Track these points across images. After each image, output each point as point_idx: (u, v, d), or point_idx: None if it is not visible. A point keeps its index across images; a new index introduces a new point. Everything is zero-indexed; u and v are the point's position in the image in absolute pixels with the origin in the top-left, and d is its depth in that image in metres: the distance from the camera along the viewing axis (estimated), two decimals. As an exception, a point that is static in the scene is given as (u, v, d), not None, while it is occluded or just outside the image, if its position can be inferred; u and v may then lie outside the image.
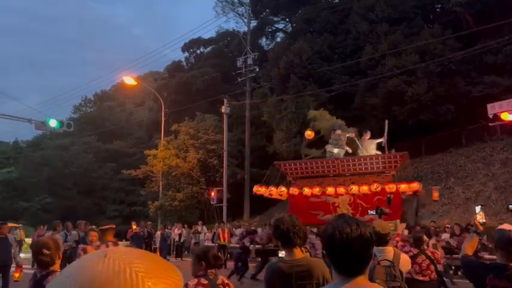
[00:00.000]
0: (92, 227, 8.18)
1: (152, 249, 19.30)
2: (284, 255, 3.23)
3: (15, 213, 38.49)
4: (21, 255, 12.67)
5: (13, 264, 8.80)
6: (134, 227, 18.36)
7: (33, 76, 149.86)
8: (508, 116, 15.29)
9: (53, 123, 15.43)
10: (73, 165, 41.36)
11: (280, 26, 39.63)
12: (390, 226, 11.12)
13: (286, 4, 34.09)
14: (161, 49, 70.49)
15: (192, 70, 38.53)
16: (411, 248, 6.39)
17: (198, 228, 21.68)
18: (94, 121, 48.98)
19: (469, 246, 3.52)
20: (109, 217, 36.41)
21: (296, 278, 2.92)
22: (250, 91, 30.81)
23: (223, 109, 27.11)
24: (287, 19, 37.77)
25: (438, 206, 19.61)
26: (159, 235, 21.17)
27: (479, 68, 23.10)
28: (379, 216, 9.34)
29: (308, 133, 17.57)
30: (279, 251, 9.51)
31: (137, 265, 0.68)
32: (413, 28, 24.96)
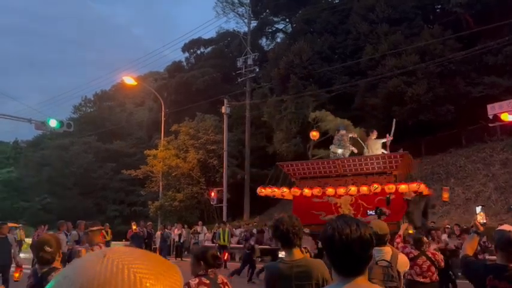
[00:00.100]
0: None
1: (152, 249, 19.27)
2: (284, 255, 3.23)
3: (15, 213, 38.55)
4: (21, 255, 12.67)
5: (13, 264, 8.80)
6: (134, 227, 18.38)
7: (33, 76, 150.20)
8: (508, 117, 15.29)
9: (53, 123, 15.43)
10: (73, 165, 41.35)
11: (280, 27, 39.66)
12: (396, 226, 11.12)
13: (286, 4, 34.10)
14: (161, 49, 70.75)
15: (192, 70, 38.55)
16: (412, 250, 6.38)
17: (198, 228, 21.68)
18: (94, 121, 48.97)
19: (470, 246, 3.51)
20: (109, 217, 36.40)
21: (295, 279, 2.92)
22: (250, 91, 30.81)
23: (223, 109, 27.11)
24: (287, 19, 37.78)
25: (438, 207, 19.57)
26: (159, 235, 21.20)
27: (479, 69, 23.10)
28: (378, 216, 9.34)
29: (313, 134, 17.55)
30: (279, 252, 9.51)
31: (137, 265, 0.67)
32: (413, 28, 24.97)
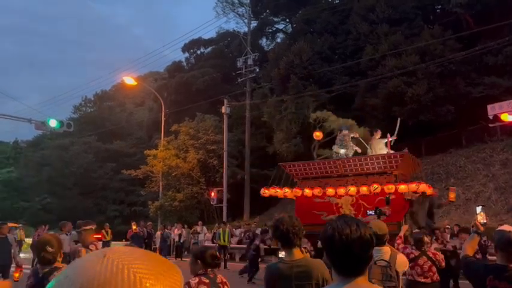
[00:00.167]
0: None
1: (152, 249, 19.27)
2: (284, 255, 3.23)
3: (15, 213, 38.57)
4: (21, 255, 12.67)
5: (13, 264, 8.80)
6: (134, 227, 18.39)
7: (33, 76, 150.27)
8: (508, 117, 15.30)
9: (53, 123, 15.44)
10: (73, 165, 41.35)
11: (280, 27, 39.66)
12: (396, 227, 11.08)
13: (286, 5, 34.10)
14: (161, 49, 70.81)
15: (192, 70, 38.55)
16: (412, 250, 6.36)
17: (198, 228, 21.66)
18: (94, 121, 48.97)
19: (470, 246, 3.51)
20: (109, 217, 36.42)
21: (295, 279, 2.92)
22: (250, 91, 30.81)
23: (223, 109, 27.11)
24: (287, 20, 37.77)
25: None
26: (159, 235, 21.19)
27: (479, 69, 23.10)
28: (378, 216, 9.33)
29: (316, 134, 17.56)
30: (279, 252, 9.50)
31: (137, 265, 0.67)
32: (413, 29, 24.97)
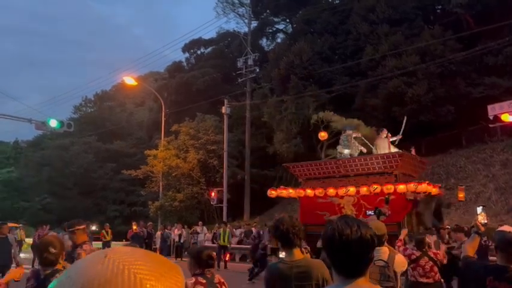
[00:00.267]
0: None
1: (152, 249, 19.27)
2: (284, 256, 3.23)
3: (15, 213, 38.54)
4: (21, 255, 12.67)
5: (13, 264, 8.80)
6: (134, 227, 18.39)
7: (33, 76, 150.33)
8: (508, 117, 15.32)
9: (53, 123, 15.44)
10: (73, 165, 41.36)
11: (280, 27, 39.65)
12: (396, 227, 11.01)
13: (286, 5, 34.09)
14: (161, 49, 70.81)
15: (193, 70, 38.56)
16: (413, 251, 6.37)
17: (198, 228, 21.66)
18: (94, 121, 48.99)
19: (470, 247, 3.51)
20: (109, 217, 36.44)
21: (295, 279, 2.91)
22: (250, 92, 30.81)
23: (223, 110, 27.10)
24: (287, 20, 37.76)
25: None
26: (159, 236, 21.20)
27: (479, 69, 23.10)
28: (377, 217, 9.31)
29: (321, 134, 17.58)
30: (279, 252, 9.48)
31: (137, 266, 0.67)
32: (413, 29, 24.96)
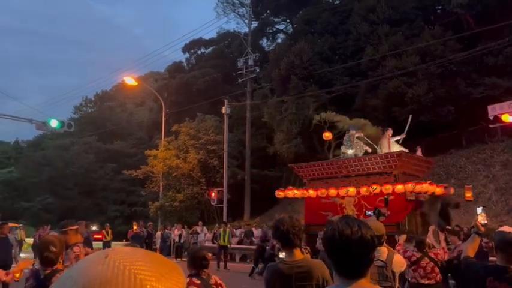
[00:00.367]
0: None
1: (153, 249, 19.27)
2: (284, 256, 3.23)
3: (15, 213, 38.52)
4: (21, 255, 12.69)
5: (13, 264, 8.81)
6: (135, 227, 18.39)
7: (33, 76, 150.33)
8: (509, 118, 15.31)
9: (54, 123, 15.46)
10: (74, 165, 41.38)
11: (281, 27, 39.64)
12: (396, 228, 10.96)
13: (287, 5, 34.08)
14: (162, 49, 70.68)
15: (193, 71, 38.55)
16: (414, 252, 6.37)
17: (198, 229, 21.66)
18: (95, 121, 49.04)
19: (471, 247, 3.51)
20: (109, 217, 36.46)
21: (296, 279, 2.92)
22: (250, 92, 30.80)
23: (223, 110, 27.09)
24: (288, 20, 37.76)
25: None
26: (159, 236, 21.19)
27: (479, 70, 23.08)
28: (376, 217, 9.31)
29: (326, 134, 17.62)
30: (280, 252, 9.49)
31: (138, 266, 0.66)
32: (414, 29, 24.95)
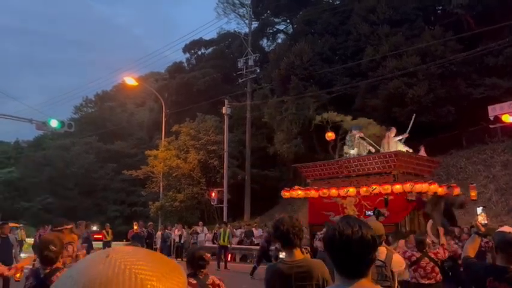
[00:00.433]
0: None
1: (153, 249, 19.23)
2: (284, 256, 3.24)
3: (16, 213, 38.53)
4: (22, 255, 12.68)
5: (14, 264, 8.81)
6: (136, 227, 18.39)
7: (33, 76, 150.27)
8: (509, 118, 15.28)
9: (54, 123, 15.47)
10: (74, 165, 41.39)
11: (281, 27, 39.62)
12: (395, 228, 10.97)
13: (287, 5, 34.08)
14: (162, 50, 70.66)
15: (193, 71, 38.54)
16: (413, 252, 6.38)
17: (198, 229, 21.67)
18: (95, 121, 49.03)
19: (471, 247, 3.51)
20: (110, 217, 36.46)
21: (296, 279, 2.92)
22: (251, 92, 30.80)
23: (224, 110, 27.11)
24: (288, 20, 37.75)
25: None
26: (160, 236, 21.19)
27: (480, 70, 23.07)
28: (376, 217, 9.31)
29: (329, 135, 17.63)
30: (280, 252, 9.50)
31: (139, 266, 0.66)
32: (414, 30, 24.94)
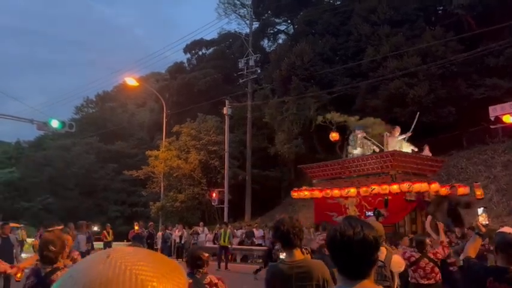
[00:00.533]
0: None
1: (154, 250, 19.24)
2: (284, 256, 3.24)
3: (16, 213, 38.57)
4: (22, 255, 12.68)
5: (15, 263, 8.82)
6: (136, 228, 18.42)
7: (34, 77, 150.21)
8: (510, 119, 15.26)
9: (55, 123, 15.48)
10: (75, 165, 41.41)
11: (282, 28, 39.62)
12: (394, 229, 10.97)
13: (288, 6, 34.08)
14: (163, 50, 70.80)
15: (194, 71, 38.55)
16: (413, 253, 6.39)
17: (198, 229, 21.68)
18: (96, 122, 49.06)
19: (472, 248, 3.51)
20: (110, 218, 36.47)
21: (296, 279, 2.92)
22: (251, 92, 30.80)
23: (224, 110, 27.11)
24: (289, 21, 37.74)
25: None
26: (160, 236, 21.20)
27: (480, 70, 23.05)
28: (376, 218, 9.32)
29: (333, 135, 17.64)
30: (280, 253, 9.49)
31: (139, 266, 0.66)
32: (415, 30, 24.93)
